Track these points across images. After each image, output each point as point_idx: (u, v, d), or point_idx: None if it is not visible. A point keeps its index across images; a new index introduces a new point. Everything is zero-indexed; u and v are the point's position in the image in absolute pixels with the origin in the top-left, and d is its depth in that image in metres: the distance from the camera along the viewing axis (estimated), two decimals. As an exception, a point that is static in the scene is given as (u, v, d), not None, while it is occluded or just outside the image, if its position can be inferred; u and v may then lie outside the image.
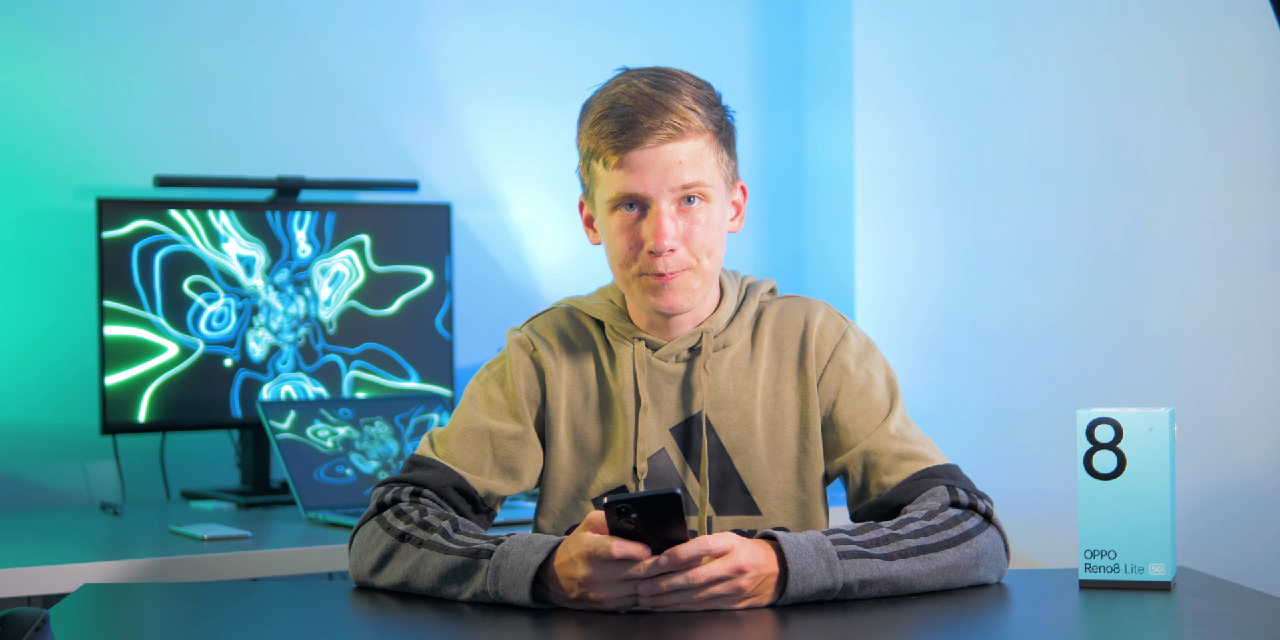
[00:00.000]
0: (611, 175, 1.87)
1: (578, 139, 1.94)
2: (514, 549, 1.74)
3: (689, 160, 1.87)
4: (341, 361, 3.14)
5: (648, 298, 1.90)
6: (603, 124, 1.87)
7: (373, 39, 3.35)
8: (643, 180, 1.86)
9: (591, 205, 1.95)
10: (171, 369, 3.00)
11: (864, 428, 1.93)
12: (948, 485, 1.85)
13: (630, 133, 1.85)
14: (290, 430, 2.91)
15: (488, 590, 1.73)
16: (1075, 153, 3.27)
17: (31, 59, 3.07)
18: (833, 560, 1.71)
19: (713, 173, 1.89)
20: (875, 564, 1.73)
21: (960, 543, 1.78)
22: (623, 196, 1.87)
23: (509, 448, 1.95)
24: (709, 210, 1.89)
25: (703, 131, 1.88)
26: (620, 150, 1.86)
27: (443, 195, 3.38)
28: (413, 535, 1.82)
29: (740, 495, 1.94)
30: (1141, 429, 1.79)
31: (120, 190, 3.11)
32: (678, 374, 1.96)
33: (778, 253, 3.70)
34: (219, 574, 2.50)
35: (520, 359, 1.98)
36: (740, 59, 3.67)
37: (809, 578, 1.70)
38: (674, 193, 1.87)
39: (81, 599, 1.85)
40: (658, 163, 1.86)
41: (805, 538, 1.73)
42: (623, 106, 1.86)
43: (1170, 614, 1.70)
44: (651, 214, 1.87)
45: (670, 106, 1.86)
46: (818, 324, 1.97)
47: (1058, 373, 3.27)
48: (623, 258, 1.90)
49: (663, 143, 1.85)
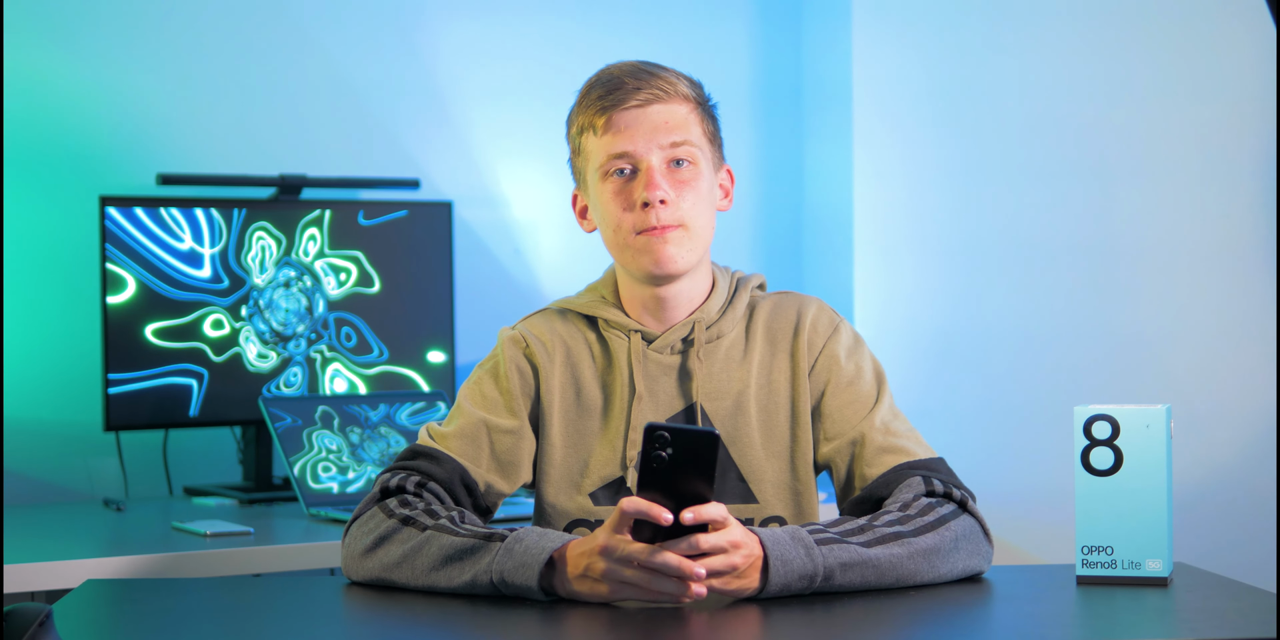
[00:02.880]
0: (601, 141, 1.93)
1: (568, 129, 2.00)
2: (529, 536, 1.76)
3: (675, 121, 1.93)
4: (342, 359, 3.15)
5: (642, 258, 1.92)
6: (590, 94, 1.95)
7: (375, 37, 3.36)
8: (632, 138, 1.91)
9: (584, 191, 1.99)
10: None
11: (850, 418, 1.95)
12: (924, 476, 1.87)
13: (617, 93, 1.92)
14: (292, 426, 2.92)
15: (492, 571, 1.74)
16: (1071, 152, 3.28)
17: (35, 58, 3.08)
18: (810, 547, 1.73)
19: (700, 139, 1.95)
20: (853, 549, 1.75)
21: (937, 528, 1.80)
22: (613, 158, 1.92)
23: (505, 442, 1.96)
24: (697, 175, 1.94)
25: (688, 98, 1.95)
26: (607, 110, 1.92)
27: (444, 193, 3.39)
28: (417, 520, 1.83)
29: (737, 484, 1.96)
30: (1139, 425, 1.80)
31: (123, 188, 3.12)
32: (673, 365, 1.98)
33: (778, 257, 3.70)
34: (221, 570, 2.50)
35: (513, 355, 1.99)
36: (741, 58, 3.67)
37: (789, 563, 1.72)
38: (663, 151, 1.92)
39: (85, 594, 1.86)
40: (645, 122, 1.92)
41: (780, 530, 1.76)
42: (609, 75, 1.95)
43: (1167, 609, 1.70)
44: (643, 172, 1.92)
45: (655, 73, 1.94)
46: (810, 317, 2.00)
47: (1054, 370, 3.28)
48: (616, 221, 1.93)
49: (649, 103, 1.92)
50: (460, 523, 1.82)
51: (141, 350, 2.98)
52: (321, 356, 3.14)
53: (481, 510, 1.96)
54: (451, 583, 1.77)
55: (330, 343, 3.14)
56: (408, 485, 1.89)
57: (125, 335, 2.97)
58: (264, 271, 3.09)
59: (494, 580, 1.74)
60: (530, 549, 1.73)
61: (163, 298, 3.00)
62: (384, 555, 1.83)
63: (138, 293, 2.98)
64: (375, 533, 1.84)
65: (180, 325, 3.02)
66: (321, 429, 2.93)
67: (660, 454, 1.65)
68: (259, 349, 3.08)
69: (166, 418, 3.02)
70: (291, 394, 3.10)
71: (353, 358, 3.16)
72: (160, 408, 3.00)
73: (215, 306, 3.05)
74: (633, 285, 1.98)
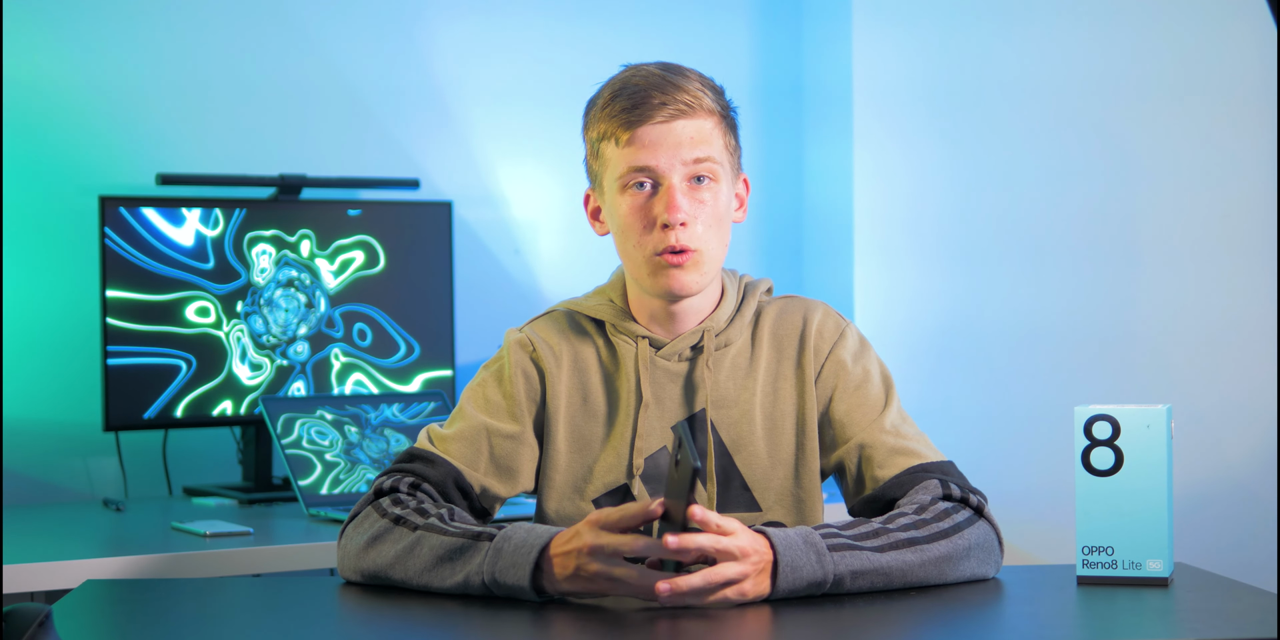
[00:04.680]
0: (623, 152, 1.90)
1: (586, 129, 1.96)
2: (516, 533, 1.75)
3: (699, 136, 1.90)
4: (342, 358, 3.15)
5: (657, 279, 1.91)
6: (614, 104, 1.90)
7: (374, 37, 3.36)
8: (655, 154, 1.88)
9: (600, 194, 1.96)
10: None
11: (859, 422, 1.94)
12: (940, 479, 1.86)
13: (642, 108, 1.88)
14: (292, 427, 2.91)
15: (483, 572, 1.74)
16: (1073, 152, 3.28)
17: (35, 56, 3.08)
18: (822, 553, 1.72)
19: (721, 153, 1.92)
20: (865, 555, 1.74)
21: (951, 535, 1.79)
22: (634, 171, 1.89)
23: (505, 447, 1.95)
24: (716, 192, 1.91)
25: (712, 112, 1.91)
26: (632, 125, 1.88)
27: (444, 193, 3.39)
28: (408, 519, 1.82)
29: (741, 493, 1.95)
30: (1139, 426, 1.80)
31: (123, 188, 3.12)
32: (680, 373, 1.97)
33: (778, 257, 3.70)
34: (221, 570, 2.50)
35: (520, 359, 1.98)
36: (741, 57, 3.67)
37: (799, 569, 1.71)
38: (685, 168, 1.89)
39: (84, 595, 1.86)
40: (669, 138, 1.88)
41: (794, 532, 1.74)
42: (634, 86, 1.90)
43: (1167, 610, 1.70)
44: (664, 190, 1.89)
45: (681, 86, 1.90)
46: (816, 322, 1.98)
47: (1055, 370, 3.28)
48: (636, 237, 1.91)
49: (674, 118, 1.88)
50: (450, 520, 1.81)
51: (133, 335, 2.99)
52: (321, 356, 3.13)
53: (477, 512, 1.95)
54: (445, 583, 1.77)
55: (329, 343, 3.13)
56: (401, 486, 1.89)
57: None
58: (263, 271, 3.09)
59: (485, 580, 1.74)
60: (519, 547, 1.73)
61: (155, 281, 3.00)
62: (377, 555, 1.83)
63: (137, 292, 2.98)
64: (369, 532, 1.84)
65: (163, 303, 3.01)
66: (321, 429, 2.93)
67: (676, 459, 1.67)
68: (253, 357, 3.07)
69: (166, 418, 3.01)
70: (291, 394, 3.09)
71: (352, 358, 3.15)
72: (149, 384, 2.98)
73: (204, 293, 3.04)
74: (642, 295, 1.97)
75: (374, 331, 3.18)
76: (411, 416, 3.02)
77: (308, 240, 3.13)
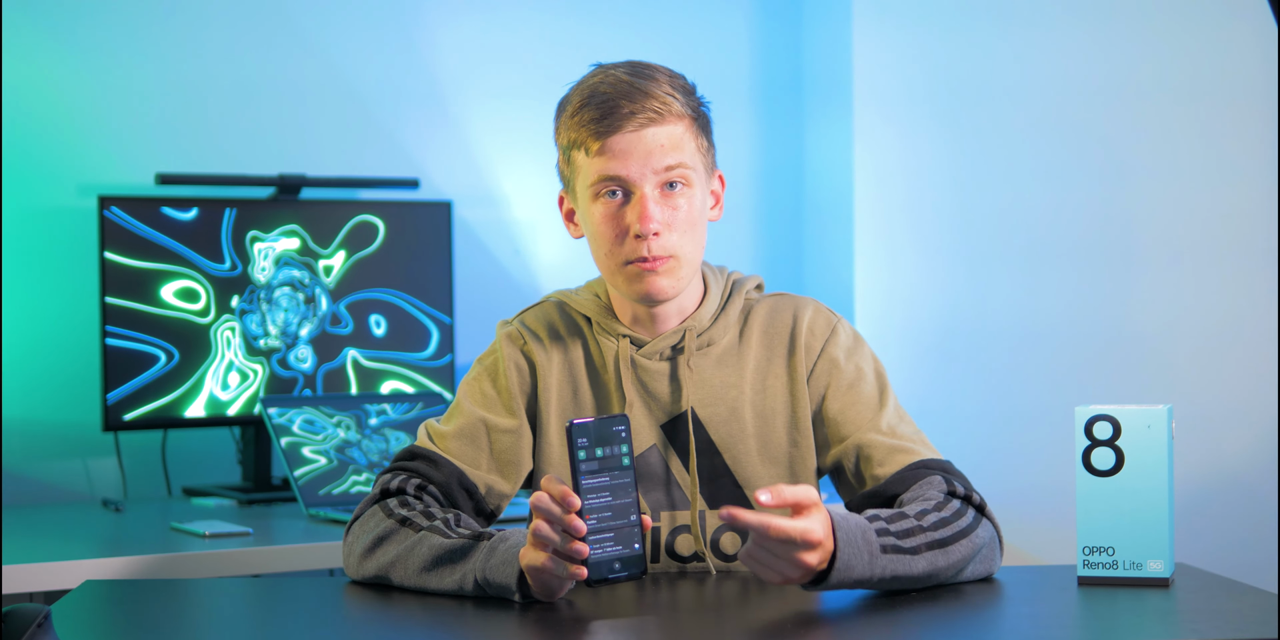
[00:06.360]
0: (593, 161, 1.89)
1: (556, 133, 1.95)
2: (514, 535, 1.76)
3: (670, 143, 1.88)
4: (342, 358, 3.15)
5: (633, 286, 1.90)
6: (583, 113, 1.89)
7: (374, 37, 3.36)
8: (625, 164, 1.87)
9: (573, 198, 1.96)
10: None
11: (855, 421, 1.93)
12: (943, 476, 1.86)
13: (611, 117, 1.87)
14: (291, 427, 2.91)
15: (477, 570, 1.74)
16: (1074, 149, 3.28)
17: (34, 56, 3.08)
18: (875, 555, 1.70)
19: (693, 157, 1.91)
20: (905, 560, 1.72)
21: (969, 534, 1.79)
22: (605, 180, 1.88)
23: (505, 441, 1.95)
24: (690, 196, 1.90)
25: (682, 116, 1.90)
26: (602, 135, 1.87)
27: (443, 193, 3.39)
28: (414, 521, 1.83)
29: (733, 490, 1.94)
30: (1140, 426, 1.79)
31: (122, 188, 3.12)
32: (663, 371, 1.96)
33: (778, 253, 3.70)
34: (220, 570, 2.50)
35: (511, 353, 1.99)
36: (741, 53, 3.67)
37: (852, 569, 1.69)
38: (657, 176, 1.88)
39: (83, 595, 1.85)
40: (640, 147, 1.87)
41: (856, 526, 1.70)
42: (602, 94, 1.88)
43: (1168, 610, 1.70)
44: (635, 199, 1.88)
45: (650, 92, 1.88)
46: (807, 319, 1.97)
47: (1056, 369, 3.28)
48: (609, 246, 1.90)
49: (644, 127, 1.87)
50: (455, 525, 1.81)
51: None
52: (320, 356, 3.12)
53: (485, 514, 1.95)
54: (441, 584, 1.77)
55: (328, 343, 3.13)
56: (408, 488, 1.89)
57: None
58: (262, 271, 3.09)
59: (478, 578, 1.74)
60: (512, 547, 1.73)
61: (155, 280, 3.00)
62: (381, 555, 1.83)
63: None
64: (374, 533, 1.84)
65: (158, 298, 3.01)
66: (321, 429, 2.93)
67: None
68: (258, 348, 3.07)
69: (165, 418, 3.01)
70: (291, 394, 3.09)
71: (352, 357, 3.15)
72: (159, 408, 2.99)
73: (196, 274, 3.04)
74: (622, 298, 1.97)
75: (373, 329, 3.17)
76: (413, 415, 3.02)
77: (307, 240, 3.12)
